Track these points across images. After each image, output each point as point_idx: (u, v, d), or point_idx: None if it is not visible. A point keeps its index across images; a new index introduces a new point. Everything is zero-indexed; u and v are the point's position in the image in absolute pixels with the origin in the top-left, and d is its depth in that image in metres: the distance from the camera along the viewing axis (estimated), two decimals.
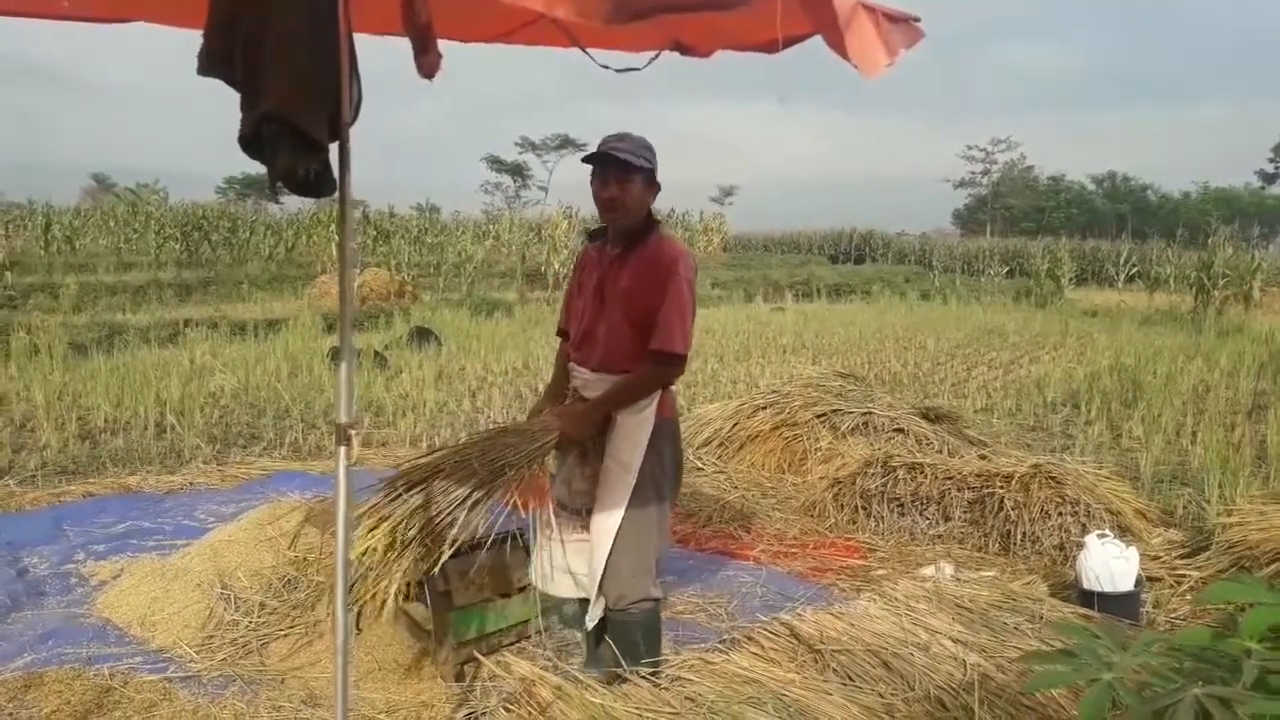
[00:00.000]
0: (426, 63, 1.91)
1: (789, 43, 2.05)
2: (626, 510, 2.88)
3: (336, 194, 2.09)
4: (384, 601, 2.51)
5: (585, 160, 2.87)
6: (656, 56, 2.79)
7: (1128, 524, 4.70)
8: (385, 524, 2.54)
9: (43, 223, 23.36)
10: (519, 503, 2.84)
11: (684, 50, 2.73)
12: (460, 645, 3.29)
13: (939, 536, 4.96)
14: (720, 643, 3.40)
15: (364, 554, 2.50)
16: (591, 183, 2.88)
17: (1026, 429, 7.79)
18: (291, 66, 1.86)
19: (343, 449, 2.14)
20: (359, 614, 2.65)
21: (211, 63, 1.90)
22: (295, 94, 1.86)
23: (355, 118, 2.02)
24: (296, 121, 1.84)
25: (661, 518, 3.01)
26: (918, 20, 2.06)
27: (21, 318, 12.83)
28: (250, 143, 1.89)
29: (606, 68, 2.51)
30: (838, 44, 1.54)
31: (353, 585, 2.55)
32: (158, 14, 2.62)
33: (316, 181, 1.92)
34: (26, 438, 6.71)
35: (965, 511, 4.99)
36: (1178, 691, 1.38)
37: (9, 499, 5.37)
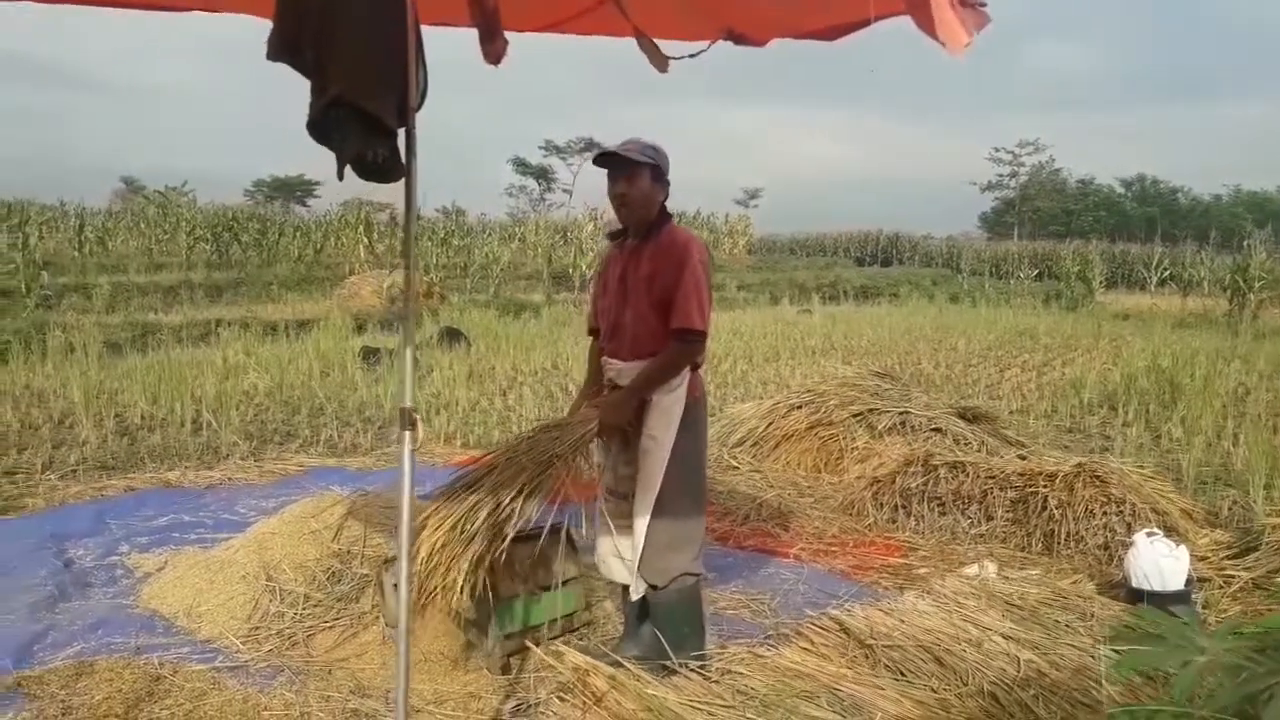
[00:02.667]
0: (493, 50, 1.92)
1: (878, 19, 2.03)
2: (663, 485, 3.03)
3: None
4: (453, 590, 2.56)
5: (595, 162, 3.12)
6: (709, 47, 2.77)
7: (1174, 524, 4.62)
8: (448, 520, 2.60)
9: (76, 224, 23.64)
10: (569, 494, 2.92)
11: (738, 40, 2.71)
12: (506, 637, 3.29)
13: (981, 536, 4.91)
14: (767, 638, 3.38)
15: (430, 551, 2.57)
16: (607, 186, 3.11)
17: (1064, 430, 7.70)
18: (360, 51, 1.87)
19: (407, 433, 2.15)
20: (425, 605, 2.69)
21: (281, 49, 1.91)
22: (364, 78, 1.86)
23: (421, 104, 2.03)
24: (365, 105, 1.84)
25: (700, 495, 3.19)
26: (984, 5, 2.04)
27: (57, 317, 13.00)
28: (319, 128, 1.89)
29: (673, 58, 2.49)
30: (926, 21, 1.53)
31: (421, 580, 2.62)
32: (217, 1, 2.62)
33: (385, 166, 1.92)
34: (65, 434, 6.79)
35: (1008, 511, 4.93)
36: (1270, 675, 1.35)
37: (51, 493, 5.43)
